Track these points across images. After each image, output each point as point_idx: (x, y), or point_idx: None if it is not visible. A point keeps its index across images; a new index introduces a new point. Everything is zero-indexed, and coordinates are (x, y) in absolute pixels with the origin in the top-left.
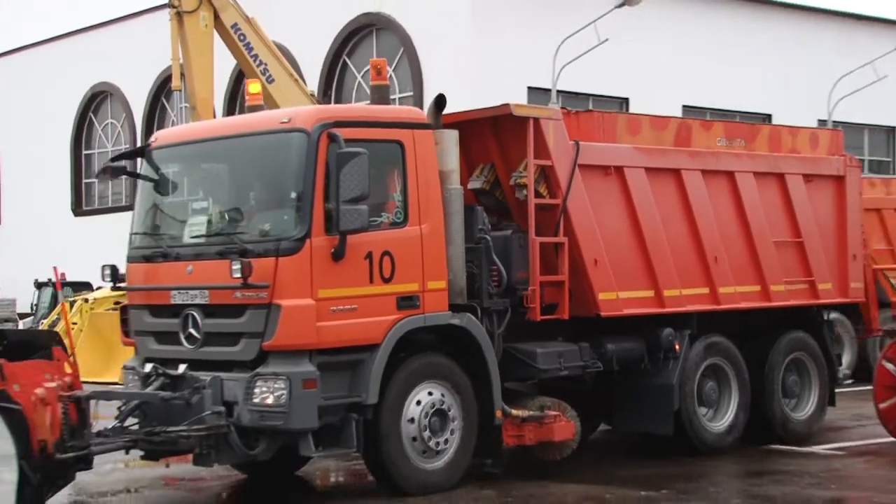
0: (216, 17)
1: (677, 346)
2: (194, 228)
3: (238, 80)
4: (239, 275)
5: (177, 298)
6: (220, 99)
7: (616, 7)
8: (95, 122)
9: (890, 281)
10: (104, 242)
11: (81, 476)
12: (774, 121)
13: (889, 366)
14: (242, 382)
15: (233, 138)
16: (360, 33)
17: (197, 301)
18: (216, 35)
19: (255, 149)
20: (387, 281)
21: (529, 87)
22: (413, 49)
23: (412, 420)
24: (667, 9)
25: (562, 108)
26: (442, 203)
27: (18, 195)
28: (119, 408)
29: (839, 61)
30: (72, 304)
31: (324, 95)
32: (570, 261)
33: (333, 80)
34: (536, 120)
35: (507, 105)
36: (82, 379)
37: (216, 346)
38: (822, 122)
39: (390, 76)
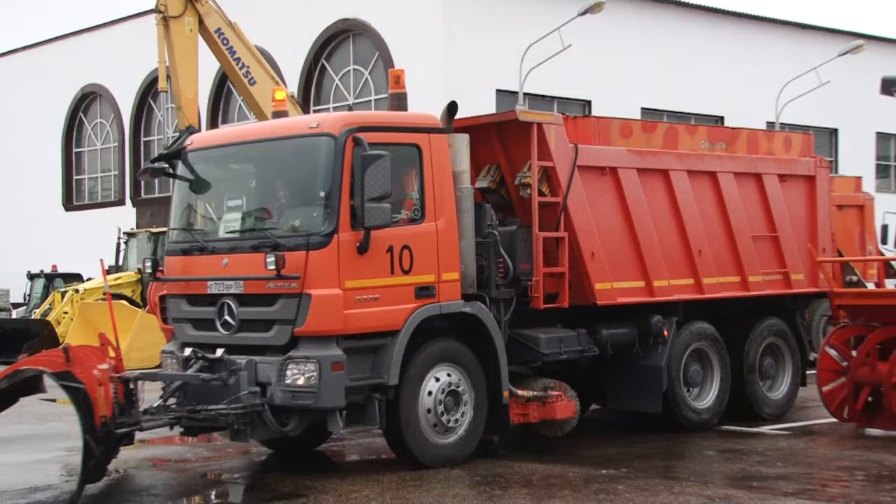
0: (200, 22)
1: (665, 332)
2: (229, 224)
3: (222, 81)
4: (273, 267)
5: (213, 288)
6: (205, 99)
7: (579, 15)
8: (85, 122)
9: (856, 272)
10: (93, 236)
11: (70, 457)
12: (727, 122)
13: (832, 352)
14: (275, 365)
15: (265, 142)
16: (337, 38)
17: (232, 291)
18: (200, 39)
19: (286, 151)
20: (406, 272)
21: (498, 90)
22: (388, 53)
23: (429, 399)
24: (626, 17)
25: (562, 114)
26: (455, 201)
27: (11, 191)
28: (163, 388)
29: (786, 67)
30: (62, 294)
31: (303, 98)
32: (569, 254)
33: (312, 83)
34: (540, 125)
35: (513, 111)
36: None
37: (250, 332)
38: (770, 124)
39: (366, 79)
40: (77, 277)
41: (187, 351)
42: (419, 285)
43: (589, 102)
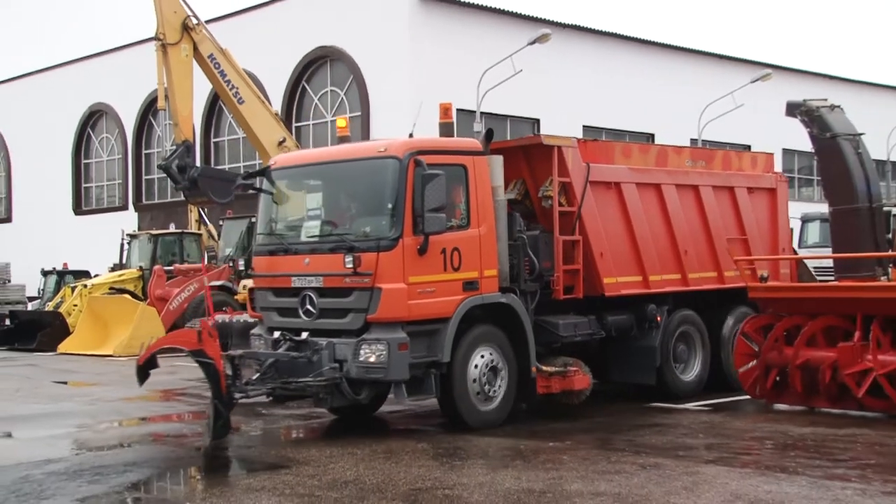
0: (195, 48)
1: (658, 318)
2: (310, 230)
3: (214, 100)
4: (351, 265)
5: (296, 283)
6: (199, 116)
7: (529, 44)
8: (93, 136)
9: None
10: (100, 237)
11: (80, 433)
12: (656, 139)
13: (746, 338)
14: (351, 345)
15: (341, 163)
16: (316, 63)
17: (313, 285)
18: (195, 63)
19: (359, 170)
20: (455, 270)
21: (458, 109)
22: (361, 77)
23: (474, 373)
24: (570, 46)
25: (577, 138)
26: (493, 211)
27: (27, 198)
28: (259, 364)
29: (707, 91)
30: (73, 289)
31: (286, 115)
32: (582, 254)
33: (294, 102)
34: (560, 148)
35: (538, 136)
36: (81, 352)
37: (328, 318)
38: (693, 141)
39: (342, 100)
40: (85, 274)
41: (276, 334)
42: (466, 280)
43: (538, 121)
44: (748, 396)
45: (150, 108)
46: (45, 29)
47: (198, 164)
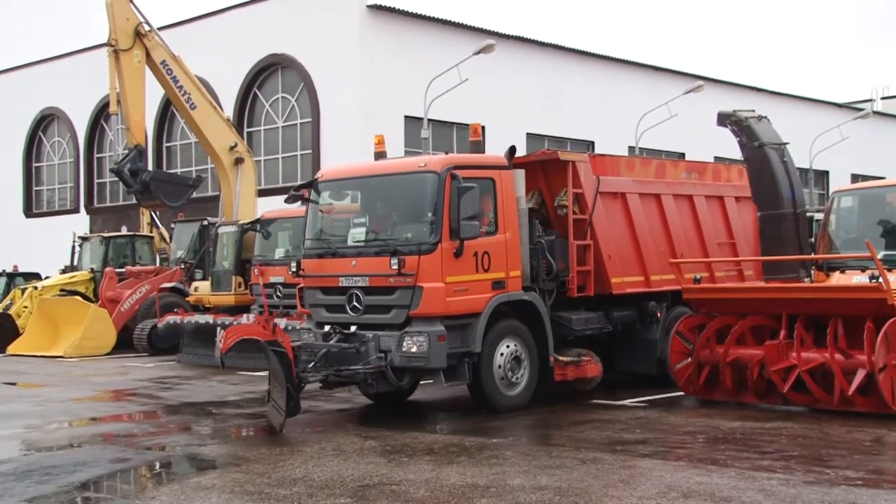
0: (147, 54)
1: (658, 314)
2: (356, 236)
3: (166, 105)
4: (396, 267)
5: (343, 282)
6: (151, 121)
7: (474, 54)
8: (44, 140)
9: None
10: (51, 240)
11: (29, 434)
12: (596, 147)
13: (681, 336)
14: (395, 338)
15: (385, 176)
16: (267, 70)
17: (359, 284)
18: (147, 69)
19: (401, 183)
20: (486, 271)
21: (406, 116)
22: (312, 84)
23: (500, 361)
24: (514, 56)
25: (588, 153)
26: (516, 218)
27: None
28: (313, 355)
29: (644, 101)
30: (23, 290)
31: (237, 121)
32: (593, 256)
33: (246, 108)
34: (574, 163)
35: (555, 152)
36: (30, 353)
37: (373, 314)
38: (631, 149)
39: (293, 106)
40: (36, 276)
41: (326, 328)
42: (494, 280)
43: (483, 128)
44: (682, 393)
45: (102, 113)
46: None
47: (150, 168)
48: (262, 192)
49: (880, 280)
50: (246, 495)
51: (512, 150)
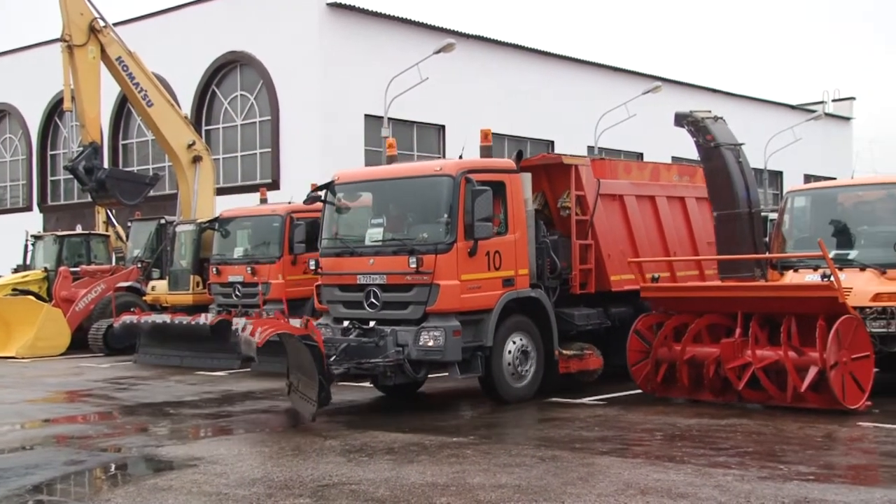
0: (103, 50)
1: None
2: (373, 236)
3: (122, 102)
4: (415, 265)
5: (361, 280)
6: (107, 118)
7: (434, 53)
8: None
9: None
10: (3, 238)
11: None
12: (556, 147)
13: (639, 335)
14: (412, 332)
15: (402, 179)
16: (226, 68)
17: (377, 282)
18: (103, 65)
19: (418, 187)
20: (497, 269)
21: (366, 115)
22: (271, 82)
23: (509, 356)
24: (474, 55)
25: (589, 157)
26: (524, 219)
27: None
28: (334, 349)
29: (602, 102)
30: None
31: (195, 119)
32: (594, 255)
33: (204, 106)
34: (577, 166)
35: (559, 156)
36: None
37: (391, 310)
38: (590, 149)
39: (252, 104)
40: None
41: (345, 323)
42: (504, 278)
43: (443, 127)
44: (640, 391)
45: (56, 109)
46: None
47: (106, 166)
48: (221, 191)
49: (832, 279)
50: (204, 496)
51: (519, 154)
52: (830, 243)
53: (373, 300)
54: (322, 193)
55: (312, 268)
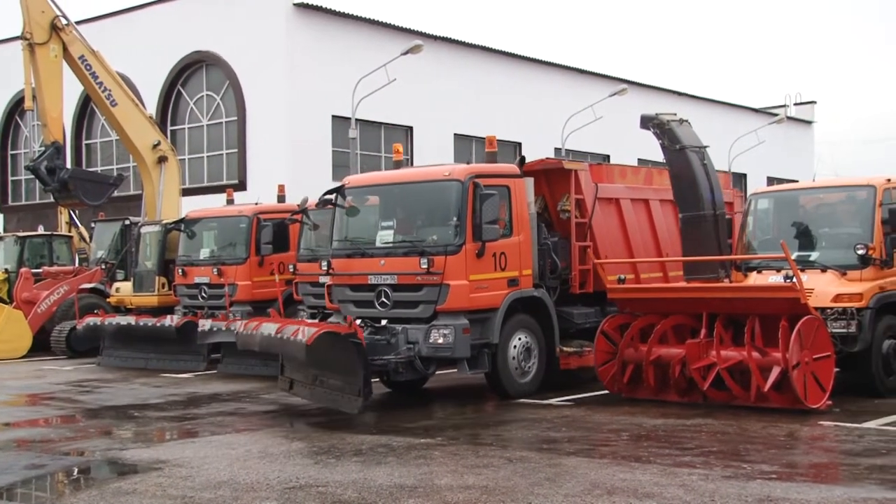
0: (65, 48)
1: None
2: (384, 238)
3: (85, 102)
4: (426, 266)
5: (372, 280)
6: (69, 117)
7: (402, 54)
8: None
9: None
10: None
11: None
12: (523, 148)
13: (605, 336)
14: (422, 330)
15: (412, 184)
16: (192, 67)
17: (388, 282)
18: (65, 64)
19: (427, 191)
20: (503, 270)
21: (333, 116)
22: (237, 82)
23: (514, 352)
24: (441, 57)
25: (588, 163)
26: (528, 222)
27: None
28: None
29: (569, 103)
30: None
31: (160, 118)
32: (592, 256)
33: (169, 106)
34: (576, 171)
35: (559, 161)
36: None
37: (401, 309)
38: (557, 150)
39: (218, 104)
40: None
41: (359, 321)
42: (510, 278)
43: (411, 128)
44: (607, 391)
45: (16, 108)
46: None
47: (68, 166)
48: (187, 192)
49: (794, 280)
50: (168, 499)
51: (522, 160)
52: (793, 245)
53: (383, 299)
54: (333, 197)
55: (324, 269)
